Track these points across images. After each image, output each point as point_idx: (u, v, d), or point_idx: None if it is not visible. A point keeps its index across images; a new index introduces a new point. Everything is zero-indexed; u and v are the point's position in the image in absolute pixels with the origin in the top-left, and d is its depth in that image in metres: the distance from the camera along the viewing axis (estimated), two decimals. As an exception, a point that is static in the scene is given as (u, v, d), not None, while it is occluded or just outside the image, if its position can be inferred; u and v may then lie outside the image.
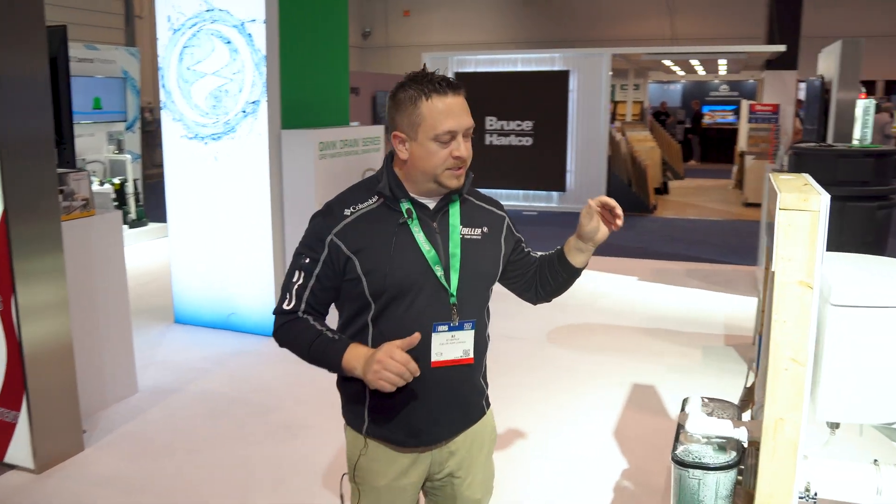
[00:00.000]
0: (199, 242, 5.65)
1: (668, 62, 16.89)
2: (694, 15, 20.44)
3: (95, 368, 4.14)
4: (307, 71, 5.77)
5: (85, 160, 8.76)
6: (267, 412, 4.24)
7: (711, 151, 20.96)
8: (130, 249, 4.40)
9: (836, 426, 1.95)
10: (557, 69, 12.17)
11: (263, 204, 5.38)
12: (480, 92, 11.99)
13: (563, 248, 1.97)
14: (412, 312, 1.77)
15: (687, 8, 20.23)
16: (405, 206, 1.79)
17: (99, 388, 4.18)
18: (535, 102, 12.08)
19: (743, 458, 1.92)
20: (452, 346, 1.81)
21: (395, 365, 1.63)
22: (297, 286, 1.81)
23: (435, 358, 1.79)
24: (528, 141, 12.21)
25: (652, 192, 12.63)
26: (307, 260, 1.81)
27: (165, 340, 5.48)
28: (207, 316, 5.71)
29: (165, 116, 5.66)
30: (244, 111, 5.36)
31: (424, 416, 1.85)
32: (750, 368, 2.61)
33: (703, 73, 20.26)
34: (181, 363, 4.98)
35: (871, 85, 19.87)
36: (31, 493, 3.37)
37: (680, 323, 5.93)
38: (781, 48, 12.27)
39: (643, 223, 11.10)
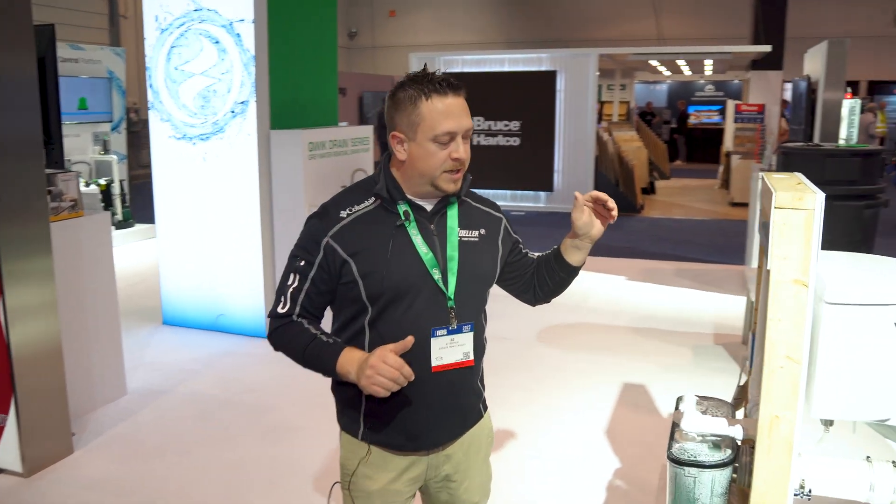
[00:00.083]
0: (187, 243, 5.62)
1: (654, 62, 16.96)
2: (680, 15, 20.54)
3: (84, 370, 4.11)
4: (296, 71, 5.75)
5: (70, 161, 8.69)
6: (258, 414, 4.22)
7: (697, 151, 21.10)
8: (117, 251, 4.37)
9: (829, 423, 1.96)
10: (545, 69, 12.19)
11: (252, 204, 5.36)
12: (468, 92, 11.93)
13: (559, 247, 1.95)
14: (410, 315, 1.75)
15: (673, 8, 20.32)
16: (402, 208, 1.77)
17: (88, 390, 4.15)
18: (522, 103, 12.09)
19: (738, 456, 1.93)
20: (452, 349, 1.79)
21: (388, 370, 1.60)
22: (291, 289, 1.78)
23: (435, 363, 1.77)
24: (515, 141, 12.23)
25: (639, 191, 12.69)
26: (302, 262, 1.77)
27: (154, 342, 5.44)
28: (196, 317, 5.68)
29: (153, 117, 5.62)
30: (233, 111, 5.33)
31: (424, 420, 1.82)
32: (743, 368, 2.63)
33: (689, 73, 20.36)
34: (170, 365, 4.95)
35: (854, 85, 20.04)
36: (19, 496, 3.34)
37: (669, 322, 5.95)
38: (767, 48, 12.35)
39: (631, 223, 11.14)
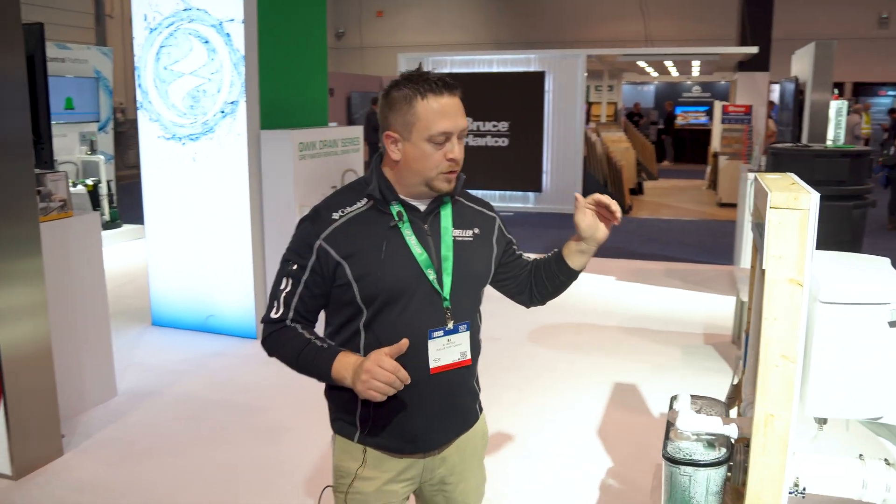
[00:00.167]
0: (177, 244, 5.59)
1: (642, 63, 17.04)
2: (667, 17, 20.62)
3: (74, 372, 4.08)
4: (286, 71, 5.73)
5: (57, 161, 8.62)
6: (249, 415, 4.21)
7: (684, 152, 21.21)
8: (105, 251, 4.35)
9: (823, 422, 1.98)
10: (533, 70, 12.22)
11: (242, 205, 5.33)
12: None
13: (561, 250, 1.95)
14: (405, 317, 1.73)
15: (660, 10, 20.40)
16: (396, 208, 1.75)
17: (77, 391, 4.12)
18: (511, 103, 12.11)
19: (732, 454, 1.94)
20: (449, 349, 1.78)
21: (383, 374, 1.58)
22: (284, 294, 1.76)
23: (433, 364, 1.75)
24: (504, 142, 12.25)
25: (627, 192, 12.74)
26: (295, 266, 1.75)
27: (143, 343, 5.41)
28: (186, 318, 5.65)
29: (142, 116, 5.59)
30: (223, 111, 5.31)
31: (422, 422, 1.80)
32: (736, 367, 2.64)
33: (676, 74, 20.46)
34: (160, 366, 4.92)
35: (839, 87, 20.21)
36: (8, 498, 3.31)
37: (659, 322, 5.98)
38: (754, 50, 12.44)
39: (620, 223, 11.16)
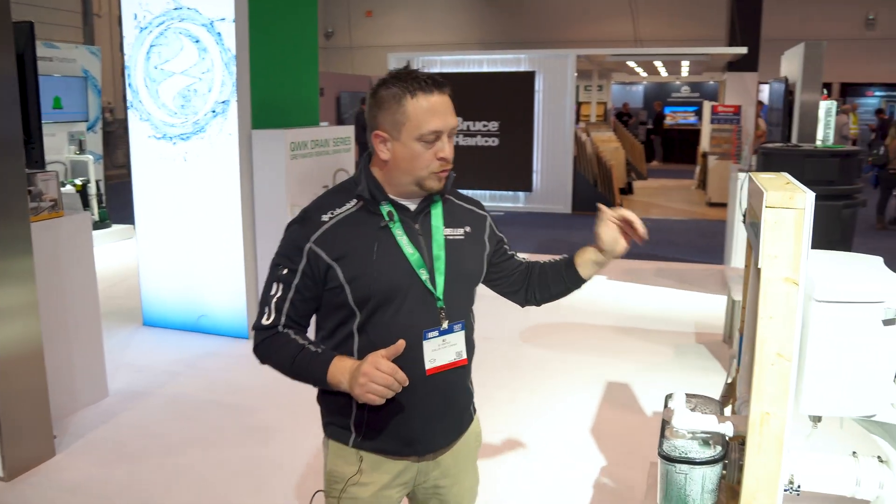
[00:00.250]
0: (168, 243, 5.57)
1: (631, 63, 17.09)
2: (657, 17, 20.69)
3: (65, 372, 4.05)
4: (277, 70, 5.71)
5: (46, 161, 8.57)
6: (241, 415, 4.19)
7: (673, 152, 21.29)
8: (94, 251, 4.32)
9: (818, 419, 1.99)
10: (523, 70, 12.24)
11: (234, 204, 5.32)
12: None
13: (573, 258, 1.94)
14: (399, 318, 1.71)
15: (649, 10, 20.47)
16: (386, 208, 1.73)
17: (69, 392, 4.10)
18: (501, 103, 12.13)
19: (727, 452, 1.95)
20: (444, 350, 1.76)
21: (381, 376, 1.56)
22: (275, 299, 1.72)
23: (429, 365, 1.74)
24: (494, 141, 12.26)
25: (617, 192, 12.76)
26: (285, 271, 1.72)
27: (135, 343, 5.39)
28: (177, 318, 5.63)
29: (132, 116, 5.56)
30: (214, 111, 5.29)
31: (420, 424, 1.78)
32: (729, 368, 2.66)
33: (665, 74, 20.53)
34: (152, 366, 4.90)
35: (827, 87, 20.34)
36: (1, 500, 3.28)
37: (651, 321, 6.00)
38: (743, 50, 12.50)
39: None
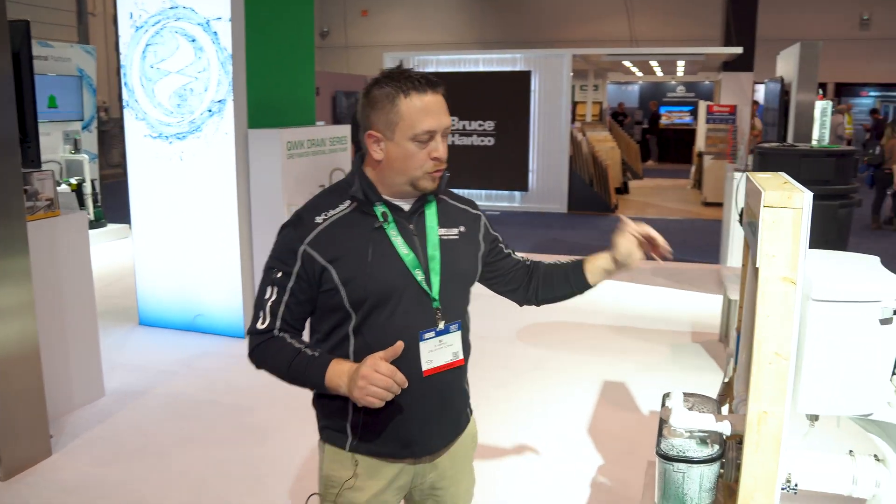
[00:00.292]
0: (164, 243, 5.56)
1: (627, 63, 17.12)
2: (652, 17, 20.70)
3: (62, 371, 4.05)
4: (274, 70, 5.71)
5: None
6: (238, 414, 4.19)
7: (669, 152, 21.33)
8: (90, 251, 4.31)
9: (815, 418, 2.00)
10: (519, 69, 12.25)
11: (230, 204, 5.32)
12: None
13: (583, 264, 1.93)
14: (395, 319, 1.70)
15: (645, 10, 20.48)
16: (380, 209, 1.72)
17: (65, 391, 4.09)
18: (496, 102, 12.14)
19: (724, 451, 1.96)
20: (441, 350, 1.75)
21: (381, 379, 1.54)
22: (270, 303, 1.71)
23: (426, 366, 1.73)
24: (490, 141, 12.27)
25: (613, 191, 12.78)
26: (279, 274, 1.70)
27: (131, 342, 5.38)
28: (173, 317, 5.62)
29: (128, 115, 5.56)
30: (210, 110, 5.29)
31: (417, 426, 1.77)
32: (726, 367, 2.66)
33: (660, 74, 20.57)
34: (148, 365, 4.90)
35: (822, 87, 20.39)
36: (-3, 500, 3.29)
37: (647, 320, 6.01)
38: (738, 50, 12.53)
39: (605, 222, 11.22)
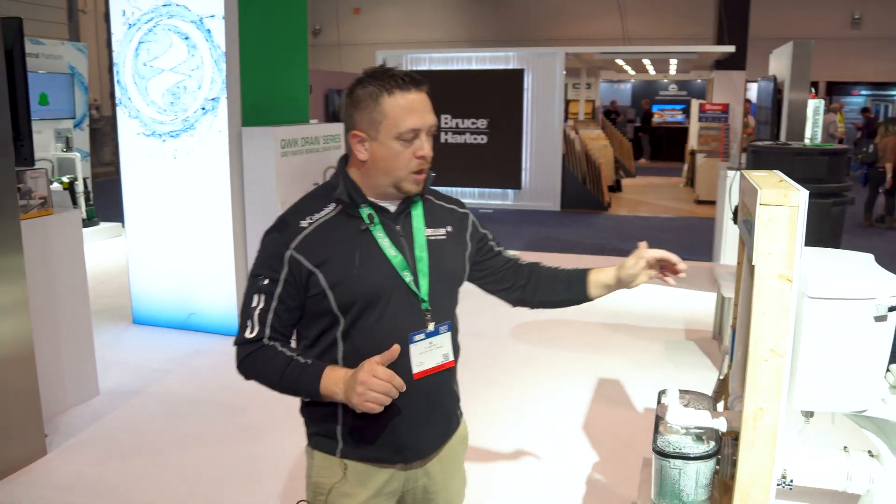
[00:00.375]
0: (157, 241, 5.55)
1: (620, 61, 17.15)
2: (644, 15, 20.74)
3: (56, 370, 4.03)
4: (267, 67, 5.70)
5: (33, 158, 8.51)
6: (233, 413, 4.18)
7: (661, 150, 21.39)
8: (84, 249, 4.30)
9: (810, 415, 2.01)
10: (512, 67, 12.26)
11: (224, 202, 5.30)
12: (435, 90, 11.84)
13: (586, 276, 1.91)
14: (384, 322, 1.68)
15: (637, 8, 20.52)
16: (366, 211, 1.70)
17: (60, 390, 4.08)
18: (489, 100, 12.14)
19: (720, 448, 1.97)
20: (431, 352, 1.72)
21: (379, 384, 1.52)
22: (258, 311, 1.67)
23: (416, 369, 1.70)
24: (482, 139, 12.27)
25: (606, 189, 12.81)
26: (266, 281, 1.67)
27: (125, 341, 5.37)
28: (167, 316, 5.61)
29: (121, 113, 5.54)
30: (203, 108, 5.28)
31: (408, 430, 1.75)
32: (722, 364, 2.68)
33: (653, 72, 20.61)
34: (142, 364, 4.89)
35: (814, 86, 20.47)
36: (-9, 500, 3.28)
37: (641, 318, 6.03)
38: (731, 49, 12.56)
39: (599, 221, 11.24)
